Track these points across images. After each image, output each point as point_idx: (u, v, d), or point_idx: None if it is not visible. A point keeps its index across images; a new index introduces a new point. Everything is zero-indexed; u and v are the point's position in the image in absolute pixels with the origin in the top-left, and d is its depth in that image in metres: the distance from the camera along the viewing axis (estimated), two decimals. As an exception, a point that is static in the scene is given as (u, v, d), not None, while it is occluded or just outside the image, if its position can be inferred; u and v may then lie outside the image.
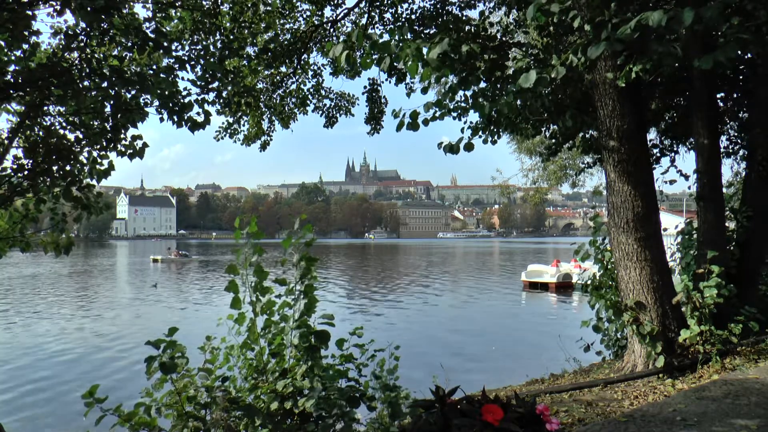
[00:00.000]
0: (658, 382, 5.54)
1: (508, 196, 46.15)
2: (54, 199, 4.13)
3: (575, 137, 8.35)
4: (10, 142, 3.93)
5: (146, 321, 21.34)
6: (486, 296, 28.94)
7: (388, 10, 10.57)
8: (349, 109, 11.90)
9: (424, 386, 3.69)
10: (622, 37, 3.11)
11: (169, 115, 4.25)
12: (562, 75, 3.73)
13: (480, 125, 5.37)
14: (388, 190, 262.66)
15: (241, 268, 3.46)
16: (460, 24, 5.91)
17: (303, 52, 11.09)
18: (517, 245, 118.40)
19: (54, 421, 9.92)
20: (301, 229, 3.53)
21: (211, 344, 3.74)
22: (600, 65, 5.56)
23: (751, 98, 7.58)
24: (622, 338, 7.00)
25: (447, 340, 17.02)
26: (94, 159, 4.20)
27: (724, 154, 8.58)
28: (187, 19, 7.03)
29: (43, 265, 47.65)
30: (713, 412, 4.08)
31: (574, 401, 5.17)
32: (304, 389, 3.25)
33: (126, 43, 4.15)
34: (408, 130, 4.51)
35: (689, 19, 2.89)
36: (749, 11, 3.73)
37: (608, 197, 6.10)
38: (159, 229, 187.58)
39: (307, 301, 3.45)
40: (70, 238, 4.15)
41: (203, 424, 3.24)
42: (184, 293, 31.38)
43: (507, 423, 2.43)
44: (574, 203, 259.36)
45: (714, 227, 6.87)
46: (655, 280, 5.91)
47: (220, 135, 11.28)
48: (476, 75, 4.42)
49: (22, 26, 3.61)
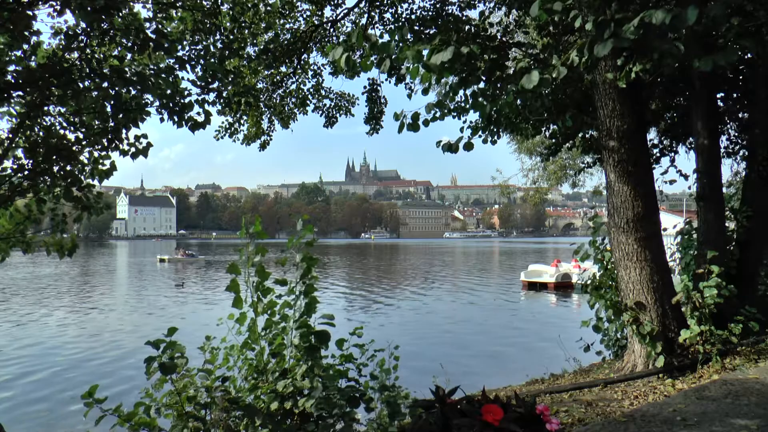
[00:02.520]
0: (658, 382, 5.54)
1: (508, 196, 46.15)
2: (54, 200, 4.13)
3: (575, 137, 8.36)
4: (10, 142, 3.93)
5: (187, 323, 19.69)
6: (486, 296, 28.94)
7: (388, 10, 10.57)
8: (349, 109, 11.90)
9: (424, 386, 3.69)
10: (629, 35, 3.10)
11: (170, 115, 4.25)
12: (563, 75, 3.72)
13: (480, 125, 5.37)
14: (388, 190, 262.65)
15: (243, 267, 3.47)
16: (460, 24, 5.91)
17: (303, 52, 11.08)
18: (517, 245, 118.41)
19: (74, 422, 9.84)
20: (302, 230, 3.53)
21: (211, 344, 3.74)
22: (600, 65, 5.56)
23: (751, 98, 7.59)
24: (622, 338, 7.01)
25: (447, 340, 17.02)
26: (95, 159, 4.20)
27: (724, 154, 8.59)
28: (187, 19, 7.03)
29: (52, 266, 47.36)
30: (713, 412, 4.08)
31: (574, 401, 5.17)
32: (304, 389, 3.25)
33: (126, 43, 4.15)
34: (408, 131, 4.51)
35: (693, 17, 2.88)
36: (749, 11, 3.74)
37: (608, 197, 6.10)
38: (159, 229, 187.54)
39: (307, 301, 3.45)
40: (73, 239, 4.14)
41: (203, 424, 3.24)
42: (208, 291, 31.09)
43: (507, 423, 2.43)
44: (574, 203, 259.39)
45: (714, 227, 6.87)
46: (655, 280, 5.91)
47: (220, 135, 11.29)
48: (476, 75, 4.42)
49: (22, 26, 3.61)
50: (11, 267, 44.75)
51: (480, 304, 26.10)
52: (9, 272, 41.43)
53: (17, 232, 4.06)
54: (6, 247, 3.99)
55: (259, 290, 3.47)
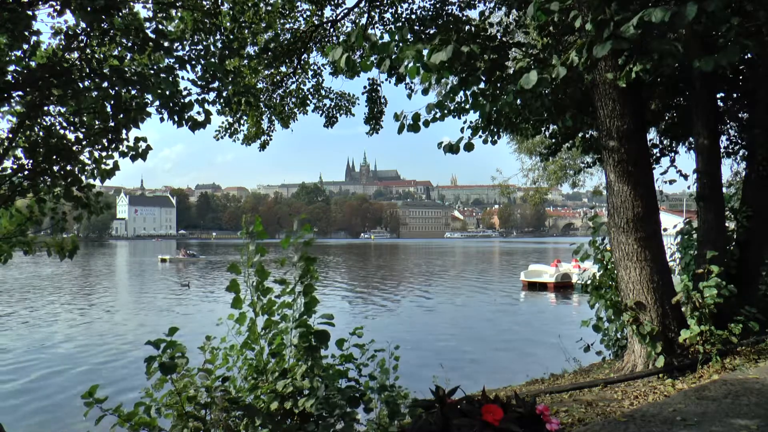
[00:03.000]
0: (658, 382, 5.54)
1: (508, 196, 46.12)
2: (54, 200, 4.13)
3: (575, 137, 8.36)
4: (10, 142, 3.93)
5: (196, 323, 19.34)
6: (486, 296, 28.93)
7: (388, 10, 10.57)
8: (349, 109, 11.90)
9: (424, 386, 3.69)
10: (627, 35, 3.09)
11: (170, 115, 4.25)
12: (563, 75, 3.72)
13: (480, 125, 5.37)
14: (388, 190, 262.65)
15: (243, 267, 3.47)
16: (460, 24, 5.91)
17: (303, 52, 11.09)
18: (517, 245, 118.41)
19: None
20: (300, 229, 3.53)
21: (211, 344, 3.74)
22: (600, 65, 5.56)
23: (751, 98, 7.58)
24: (622, 338, 7.00)
25: (447, 340, 17.02)
26: (97, 159, 4.20)
27: (724, 154, 8.58)
28: (187, 19, 7.03)
29: (54, 266, 47.21)
30: (713, 412, 4.08)
31: (574, 401, 5.17)
32: (304, 389, 3.25)
33: (126, 43, 4.15)
34: (408, 132, 4.51)
35: (692, 13, 2.86)
36: (749, 11, 3.74)
37: (608, 197, 6.10)
38: (159, 229, 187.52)
39: (307, 301, 3.45)
40: (75, 240, 4.14)
41: (203, 424, 3.25)
42: (212, 291, 30.94)
43: (507, 423, 2.43)
44: (574, 203, 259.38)
45: (714, 227, 6.87)
46: (655, 280, 5.91)
47: (220, 135, 11.30)
48: (476, 75, 4.42)
49: (22, 26, 3.61)
50: (14, 267, 44.72)
51: (480, 304, 26.10)
52: (12, 272, 41.44)
53: (18, 232, 4.06)
54: (8, 248, 3.99)
55: (259, 290, 3.47)
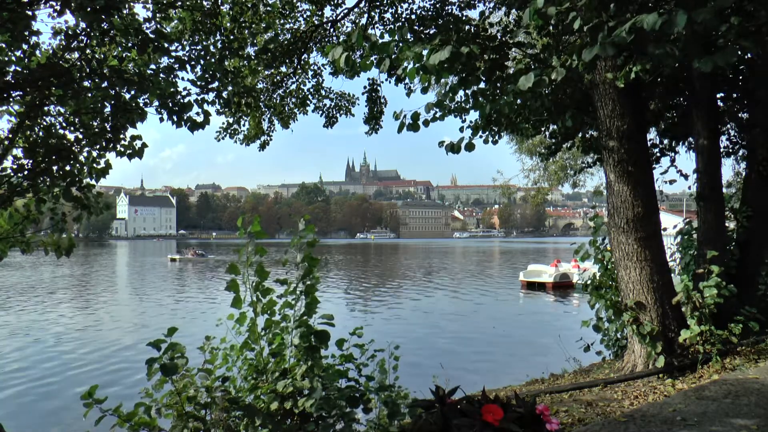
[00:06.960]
0: (658, 382, 5.54)
1: (508, 196, 46.13)
2: (54, 199, 4.13)
3: (575, 137, 8.36)
4: (10, 142, 3.93)
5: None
6: (486, 296, 28.93)
7: (388, 10, 10.56)
8: (349, 109, 11.89)
9: (424, 386, 3.69)
10: (617, 41, 3.11)
11: (169, 115, 4.25)
12: (562, 76, 3.72)
13: (480, 125, 5.37)
14: (388, 190, 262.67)
15: (243, 267, 3.47)
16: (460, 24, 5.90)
17: (303, 52, 11.08)
18: (517, 245, 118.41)
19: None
20: (304, 229, 3.53)
21: (211, 344, 3.74)
22: (600, 65, 5.57)
23: (751, 98, 7.58)
24: (622, 338, 7.01)
25: (447, 340, 17.01)
26: (92, 158, 4.20)
27: (724, 154, 8.58)
28: (187, 19, 7.03)
29: (60, 268, 47.22)
30: (713, 412, 4.08)
31: (574, 401, 5.17)
32: (304, 389, 3.25)
33: (126, 44, 4.15)
34: (408, 131, 4.51)
35: (683, 22, 2.90)
36: (749, 11, 3.73)
37: (608, 197, 6.10)
38: (159, 229, 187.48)
39: (308, 301, 3.45)
40: (71, 239, 4.14)
41: (203, 424, 3.24)
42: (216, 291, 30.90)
43: (507, 423, 2.43)
44: (574, 203, 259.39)
45: (714, 227, 6.87)
46: (655, 280, 5.91)
47: (220, 135, 11.29)
48: (476, 75, 4.42)
49: (22, 26, 3.61)
50: (15, 267, 44.72)
51: (480, 303, 26.09)
52: (14, 272, 41.43)
53: (16, 232, 4.05)
54: (5, 248, 3.98)
55: (259, 290, 3.47)
